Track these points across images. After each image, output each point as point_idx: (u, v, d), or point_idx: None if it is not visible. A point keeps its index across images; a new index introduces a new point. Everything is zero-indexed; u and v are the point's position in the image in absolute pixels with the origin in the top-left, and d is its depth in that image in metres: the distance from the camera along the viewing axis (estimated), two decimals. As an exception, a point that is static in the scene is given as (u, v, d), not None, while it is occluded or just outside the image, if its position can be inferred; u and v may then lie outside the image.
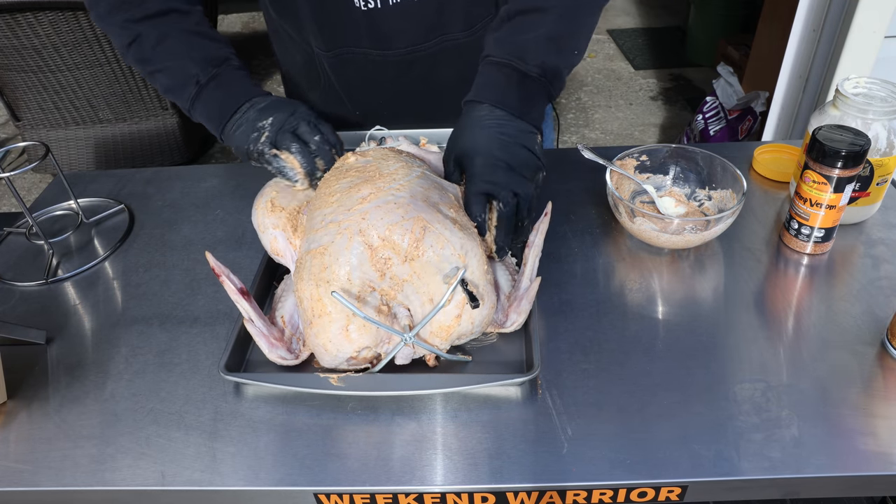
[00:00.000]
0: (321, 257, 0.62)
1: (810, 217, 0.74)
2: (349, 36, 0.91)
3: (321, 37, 0.92)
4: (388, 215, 0.62)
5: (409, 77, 0.95)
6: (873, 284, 0.73)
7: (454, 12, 0.90)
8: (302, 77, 1.01)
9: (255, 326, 0.64)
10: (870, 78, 0.77)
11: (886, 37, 1.60)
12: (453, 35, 0.92)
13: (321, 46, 0.94)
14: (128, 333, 0.73)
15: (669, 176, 0.87)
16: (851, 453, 0.56)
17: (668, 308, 0.72)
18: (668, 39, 3.51)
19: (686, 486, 0.55)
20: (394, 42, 0.91)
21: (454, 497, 0.57)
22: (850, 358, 0.64)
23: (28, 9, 2.03)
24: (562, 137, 2.81)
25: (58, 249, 0.88)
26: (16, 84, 2.31)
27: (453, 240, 0.62)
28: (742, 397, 0.61)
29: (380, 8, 0.87)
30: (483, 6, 0.91)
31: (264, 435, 0.61)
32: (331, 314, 0.61)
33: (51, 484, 0.58)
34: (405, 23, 0.89)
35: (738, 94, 2.27)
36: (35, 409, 0.65)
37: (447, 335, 0.64)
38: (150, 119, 2.51)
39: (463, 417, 0.61)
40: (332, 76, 0.97)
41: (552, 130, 1.14)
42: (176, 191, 0.98)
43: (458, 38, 0.92)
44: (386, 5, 0.87)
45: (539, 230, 0.71)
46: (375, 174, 0.68)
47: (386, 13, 0.88)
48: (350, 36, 0.91)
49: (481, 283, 0.64)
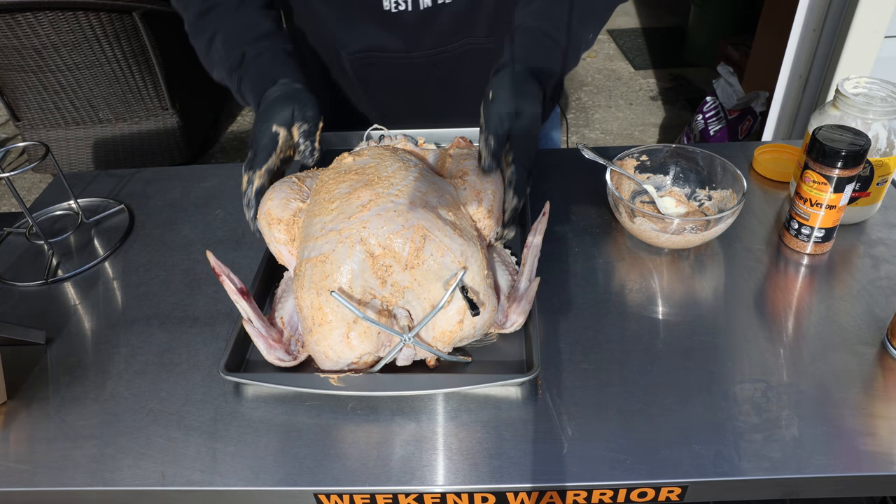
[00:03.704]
0: (322, 266, 0.62)
1: (810, 217, 0.74)
2: (374, 38, 0.91)
3: (347, 38, 0.92)
4: (389, 224, 0.62)
5: (432, 78, 0.96)
6: (873, 284, 0.73)
7: (481, 16, 0.90)
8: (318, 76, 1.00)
9: (254, 327, 0.64)
10: (870, 78, 0.77)
11: (886, 37, 1.60)
12: (478, 38, 0.92)
13: (346, 48, 0.93)
14: (128, 333, 0.73)
15: (669, 176, 0.87)
16: (851, 453, 0.56)
17: (668, 308, 0.72)
18: (668, 39, 3.51)
19: (686, 486, 0.55)
20: (420, 44, 0.92)
21: (454, 497, 0.57)
22: (850, 358, 0.64)
23: (28, 9, 2.03)
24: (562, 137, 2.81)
25: (58, 249, 0.88)
26: (16, 84, 2.31)
27: (453, 247, 0.63)
28: (742, 397, 0.61)
29: (410, 10, 0.87)
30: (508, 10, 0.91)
31: (264, 435, 0.61)
32: (332, 322, 0.61)
33: (51, 484, 0.58)
34: (433, 25, 0.90)
35: (738, 94, 2.27)
36: (35, 409, 0.65)
37: (449, 340, 0.64)
38: (150, 119, 2.51)
39: (463, 417, 0.61)
40: (353, 77, 0.96)
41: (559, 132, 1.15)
42: (176, 191, 0.98)
43: (482, 41, 0.92)
44: (416, 8, 0.87)
45: (537, 230, 0.71)
46: (374, 178, 0.67)
47: (414, 15, 0.88)
48: (375, 38, 0.91)
49: (482, 288, 0.64)
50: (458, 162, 0.76)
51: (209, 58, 0.86)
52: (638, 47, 3.47)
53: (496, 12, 0.90)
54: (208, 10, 0.85)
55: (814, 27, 1.70)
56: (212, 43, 0.85)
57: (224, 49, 0.83)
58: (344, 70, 0.96)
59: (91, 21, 2.16)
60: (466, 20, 0.90)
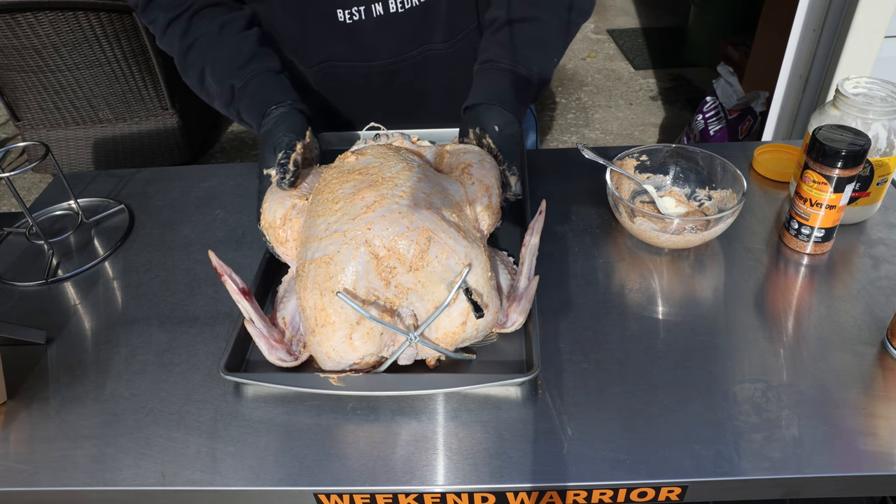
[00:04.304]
0: (326, 267, 0.62)
1: (810, 217, 0.74)
2: (333, 49, 0.92)
3: (304, 52, 0.93)
4: (394, 225, 0.62)
5: (393, 85, 0.97)
6: (873, 284, 0.73)
7: (437, 23, 0.91)
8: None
9: (256, 327, 0.64)
10: (870, 78, 0.77)
11: (886, 37, 1.60)
12: (436, 45, 0.93)
13: (304, 63, 0.94)
14: (128, 333, 0.73)
15: (669, 176, 0.87)
16: (851, 453, 0.56)
17: (668, 308, 0.72)
18: (668, 39, 3.51)
19: (686, 486, 0.55)
20: (377, 53, 0.92)
21: (454, 497, 0.57)
22: (850, 358, 0.64)
23: (28, 9, 2.03)
24: (562, 137, 2.81)
25: (58, 249, 0.88)
26: (16, 84, 2.31)
27: (458, 249, 0.63)
28: (742, 397, 0.61)
29: (364, 20, 0.88)
30: (465, 16, 0.92)
31: (264, 435, 0.61)
32: (334, 323, 0.61)
33: (51, 484, 0.58)
34: (389, 34, 0.90)
35: (738, 94, 2.27)
36: (35, 409, 0.65)
37: (452, 341, 0.64)
38: (150, 119, 2.51)
39: (463, 417, 0.61)
40: (315, 88, 0.97)
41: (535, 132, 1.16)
42: (176, 191, 0.98)
43: (441, 48, 0.93)
44: (370, 17, 0.87)
45: (534, 229, 0.71)
46: (378, 178, 0.67)
47: (370, 25, 0.88)
48: (333, 49, 0.92)
49: (485, 290, 0.64)
50: (458, 157, 0.76)
51: (204, 93, 0.88)
52: (638, 47, 3.47)
53: (451, 18, 0.91)
54: (189, 46, 0.85)
55: (814, 27, 1.70)
56: (203, 78, 0.86)
57: (215, 84, 0.85)
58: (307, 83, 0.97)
59: (91, 21, 2.16)
60: (422, 28, 0.91)
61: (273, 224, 0.71)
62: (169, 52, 0.88)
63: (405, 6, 0.88)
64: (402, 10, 0.88)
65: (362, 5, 0.87)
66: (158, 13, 0.85)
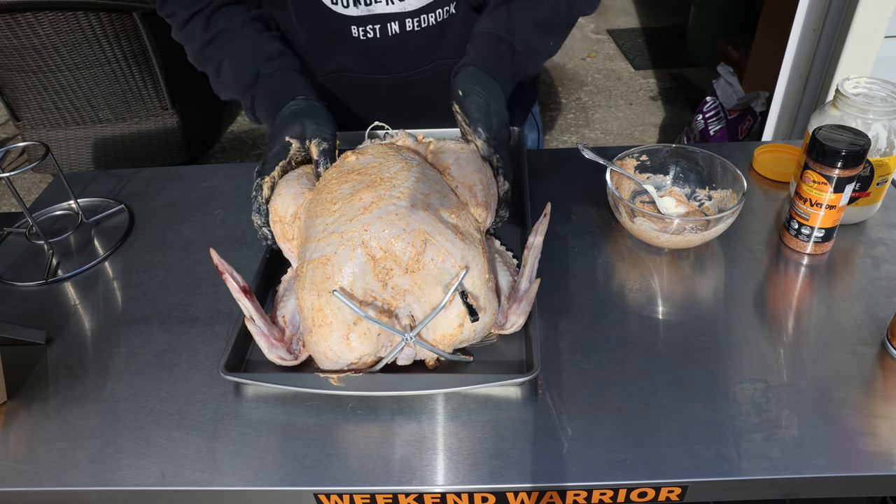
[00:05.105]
0: (324, 267, 0.62)
1: (810, 217, 0.74)
2: (344, 61, 0.93)
3: (315, 61, 0.94)
4: (390, 227, 0.62)
5: (403, 98, 0.97)
6: (873, 284, 0.73)
7: (451, 40, 0.92)
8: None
9: (256, 326, 0.64)
10: (870, 78, 0.77)
11: (886, 37, 1.60)
12: (448, 59, 0.93)
13: (315, 70, 0.95)
14: (128, 333, 0.73)
15: (669, 176, 0.87)
16: (851, 453, 0.56)
17: (668, 308, 0.72)
18: (668, 39, 3.51)
19: (686, 486, 0.55)
20: (390, 67, 0.93)
21: (454, 497, 0.57)
22: (850, 358, 0.64)
23: (28, 9, 2.03)
24: (562, 137, 2.81)
25: (58, 249, 0.88)
26: (16, 84, 2.31)
27: (454, 251, 0.63)
28: (742, 397, 0.61)
29: (378, 38, 0.88)
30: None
31: (264, 435, 0.61)
32: (332, 324, 0.61)
33: (51, 484, 0.58)
34: (402, 50, 0.91)
35: (738, 94, 2.27)
36: (35, 409, 0.65)
37: (449, 343, 0.64)
38: (150, 119, 2.51)
39: (463, 417, 0.61)
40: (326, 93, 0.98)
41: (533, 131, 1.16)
42: (176, 191, 0.98)
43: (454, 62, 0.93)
44: (385, 35, 0.88)
45: (538, 231, 0.71)
46: (376, 179, 0.67)
47: (385, 42, 0.89)
48: (345, 61, 0.93)
49: (482, 293, 0.64)
50: (437, 158, 0.75)
51: (219, 81, 0.89)
52: (638, 47, 3.47)
53: (465, 34, 0.91)
54: (212, 39, 0.87)
55: (814, 27, 1.70)
56: (220, 68, 0.87)
57: (234, 71, 0.86)
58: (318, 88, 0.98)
59: (91, 21, 2.16)
60: (435, 44, 0.92)
61: (283, 219, 0.71)
62: (185, 43, 0.90)
63: (421, 25, 0.89)
64: (419, 29, 0.89)
65: (378, 24, 0.88)
66: (177, 8, 0.87)
